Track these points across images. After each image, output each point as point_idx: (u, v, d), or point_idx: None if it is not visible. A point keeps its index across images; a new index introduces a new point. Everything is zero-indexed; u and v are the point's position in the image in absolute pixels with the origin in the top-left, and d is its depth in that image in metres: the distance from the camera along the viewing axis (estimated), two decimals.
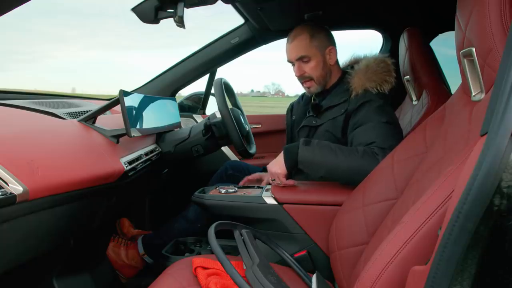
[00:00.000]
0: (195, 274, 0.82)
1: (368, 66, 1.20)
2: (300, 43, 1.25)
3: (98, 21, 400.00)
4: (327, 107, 1.24)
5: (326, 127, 1.22)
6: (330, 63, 1.27)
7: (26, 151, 0.73)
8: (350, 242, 0.88)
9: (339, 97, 1.22)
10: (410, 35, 1.43)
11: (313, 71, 1.25)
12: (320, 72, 1.26)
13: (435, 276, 0.44)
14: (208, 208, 1.10)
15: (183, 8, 0.82)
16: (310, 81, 1.28)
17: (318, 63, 1.25)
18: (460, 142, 0.66)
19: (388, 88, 1.18)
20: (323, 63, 1.26)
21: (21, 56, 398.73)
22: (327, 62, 1.27)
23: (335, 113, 1.21)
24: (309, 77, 1.27)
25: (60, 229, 0.85)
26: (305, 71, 1.26)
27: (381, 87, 1.17)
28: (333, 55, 1.27)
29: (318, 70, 1.25)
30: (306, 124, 1.29)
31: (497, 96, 0.45)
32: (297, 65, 1.27)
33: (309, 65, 1.25)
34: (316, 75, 1.26)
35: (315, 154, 1.05)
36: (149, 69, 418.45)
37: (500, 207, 0.41)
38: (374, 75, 1.18)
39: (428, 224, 0.56)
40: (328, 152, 1.05)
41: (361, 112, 1.14)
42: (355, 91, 1.18)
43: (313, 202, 1.05)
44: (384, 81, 1.17)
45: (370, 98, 1.15)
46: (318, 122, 1.25)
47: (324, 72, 1.27)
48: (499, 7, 0.57)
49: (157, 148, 1.31)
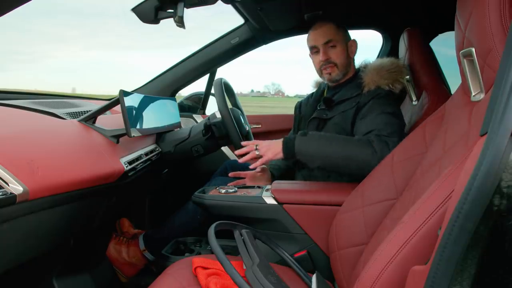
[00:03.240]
0: (195, 274, 0.82)
1: (382, 64, 1.25)
2: (328, 29, 1.29)
3: (98, 21, 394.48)
4: (338, 100, 1.26)
5: (336, 120, 1.24)
6: (351, 56, 1.33)
7: (26, 151, 0.73)
8: (350, 242, 0.88)
9: (351, 92, 1.25)
10: (410, 35, 1.43)
11: (338, 57, 1.29)
12: (344, 60, 1.30)
13: (435, 276, 0.44)
14: (208, 208, 1.10)
15: (183, 8, 0.82)
16: (333, 66, 1.30)
17: (343, 50, 1.30)
18: (460, 142, 0.66)
19: (399, 89, 1.22)
20: (347, 52, 1.31)
21: (21, 56, 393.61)
22: (349, 54, 1.32)
23: (346, 106, 1.23)
24: (334, 62, 1.30)
25: (60, 229, 0.85)
26: (330, 56, 1.30)
27: (393, 86, 1.21)
28: (354, 49, 1.33)
29: (342, 57, 1.30)
30: (317, 116, 1.30)
31: (497, 96, 0.45)
32: (323, 50, 1.29)
33: (335, 50, 1.29)
34: (340, 61, 1.30)
35: (311, 144, 1.07)
36: (149, 69, 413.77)
37: (500, 207, 0.41)
38: (388, 73, 1.22)
39: (428, 224, 0.56)
40: (324, 142, 1.07)
41: (369, 104, 1.17)
42: (367, 86, 1.22)
43: (313, 202, 1.05)
44: (396, 81, 1.22)
45: (380, 93, 1.18)
46: (329, 115, 1.26)
47: (347, 61, 1.31)
48: (499, 7, 0.57)
49: (157, 148, 1.31)
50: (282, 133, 1.61)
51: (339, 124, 1.23)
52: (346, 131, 1.21)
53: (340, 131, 1.22)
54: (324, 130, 1.27)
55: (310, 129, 1.31)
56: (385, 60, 1.28)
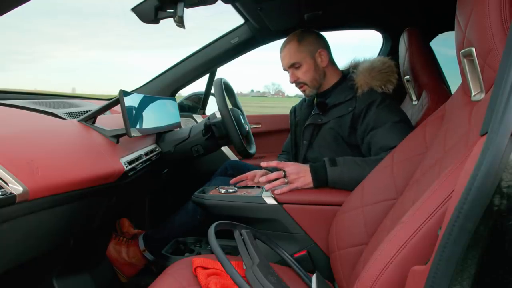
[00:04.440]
0: (195, 274, 0.82)
1: (373, 65, 1.23)
2: (289, 51, 1.29)
3: (98, 21, 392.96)
4: (332, 104, 1.25)
5: (331, 125, 1.23)
6: (323, 65, 1.30)
7: (26, 151, 0.73)
8: (350, 242, 0.88)
9: (345, 95, 1.24)
10: (410, 35, 1.43)
11: (305, 75, 1.29)
12: (313, 75, 1.29)
13: (435, 276, 0.44)
14: (208, 208, 1.10)
15: (183, 8, 0.82)
16: (304, 85, 1.32)
17: (309, 67, 1.29)
18: (460, 142, 0.66)
19: (391, 89, 1.21)
20: (315, 66, 1.29)
21: (21, 56, 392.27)
22: (319, 65, 1.30)
23: (342, 111, 1.22)
24: (303, 82, 1.31)
25: (60, 229, 0.85)
26: (298, 77, 1.31)
27: (386, 87, 1.20)
28: (325, 58, 1.30)
29: (310, 74, 1.29)
30: (311, 122, 1.30)
31: (497, 96, 0.45)
32: (291, 72, 1.32)
33: (301, 70, 1.29)
34: (308, 79, 1.30)
35: (343, 172, 1.06)
36: (149, 69, 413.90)
37: (500, 207, 0.41)
38: (379, 74, 1.21)
39: (428, 224, 0.56)
40: (356, 168, 1.06)
41: (370, 112, 1.16)
42: (360, 88, 1.20)
43: (313, 202, 1.05)
44: (388, 81, 1.20)
45: (377, 97, 1.17)
46: (324, 120, 1.26)
47: (317, 75, 1.30)
48: (499, 7, 0.57)
49: (157, 148, 1.31)
50: (282, 133, 1.61)
51: (334, 129, 1.22)
52: (342, 136, 1.21)
53: (335, 135, 1.22)
54: (319, 136, 1.26)
55: (306, 135, 1.31)
56: (375, 59, 1.26)
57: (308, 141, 1.30)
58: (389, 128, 1.12)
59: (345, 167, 1.07)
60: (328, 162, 1.09)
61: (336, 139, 1.22)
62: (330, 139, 1.23)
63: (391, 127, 1.12)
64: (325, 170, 1.08)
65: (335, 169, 1.07)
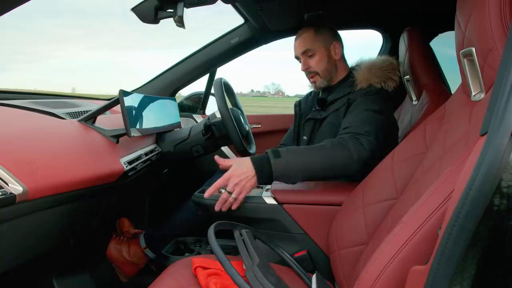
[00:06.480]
0: (195, 274, 0.82)
1: (374, 62, 1.23)
2: (305, 39, 1.29)
3: (100, 21, 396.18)
4: (331, 100, 1.26)
5: (330, 119, 1.24)
6: (336, 58, 1.30)
7: (26, 151, 0.73)
8: (350, 242, 0.88)
9: (344, 91, 1.24)
10: (410, 35, 1.43)
11: (318, 65, 1.29)
12: (325, 66, 1.29)
13: (435, 276, 0.44)
14: (208, 208, 1.10)
15: (183, 8, 0.82)
16: (315, 75, 1.31)
17: (323, 57, 1.28)
18: (460, 142, 0.66)
19: (393, 87, 1.20)
20: (328, 57, 1.29)
21: (22, 56, 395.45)
22: (332, 57, 1.30)
23: (338, 104, 1.23)
24: (315, 71, 1.30)
25: (60, 229, 0.85)
26: (310, 66, 1.30)
27: (386, 84, 1.19)
28: (338, 50, 1.30)
29: (323, 64, 1.29)
30: (311, 117, 1.30)
31: (497, 96, 0.45)
32: (303, 60, 1.30)
33: (314, 59, 1.29)
34: (321, 69, 1.29)
35: (288, 163, 0.98)
36: (149, 69, 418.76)
37: (500, 207, 0.41)
38: (380, 71, 1.21)
39: (428, 224, 0.56)
40: (300, 156, 0.99)
41: (358, 100, 1.16)
42: (359, 84, 1.20)
43: (313, 202, 1.05)
44: (389, 78, 1.20)
45: (371, 90, 1.17)
46: (323, 115, 1.26)
47: (330, 66, 1.30)
48: (499, 7, 0.57)
49: (157, 148, 1.31)
50: (282, 133, 1.61)
51: (333, 123, 1.22)
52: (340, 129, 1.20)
53: (335, 130, 1.20)
54: (319, 131, 1.26)
55: (306, 130, 1.31)
56: (378, 58, 1.26)
57: (308, 136, 1.31)
58: (359, 112, 1.10)
59: (289, 157, 0.99)
60: (271, 154, 1.00)
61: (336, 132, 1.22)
62: (330, 135, 1.23)
63: (359, 112, 1.10)
64: (269, 163, 0.99)
65: (279, 161, 0.98)
